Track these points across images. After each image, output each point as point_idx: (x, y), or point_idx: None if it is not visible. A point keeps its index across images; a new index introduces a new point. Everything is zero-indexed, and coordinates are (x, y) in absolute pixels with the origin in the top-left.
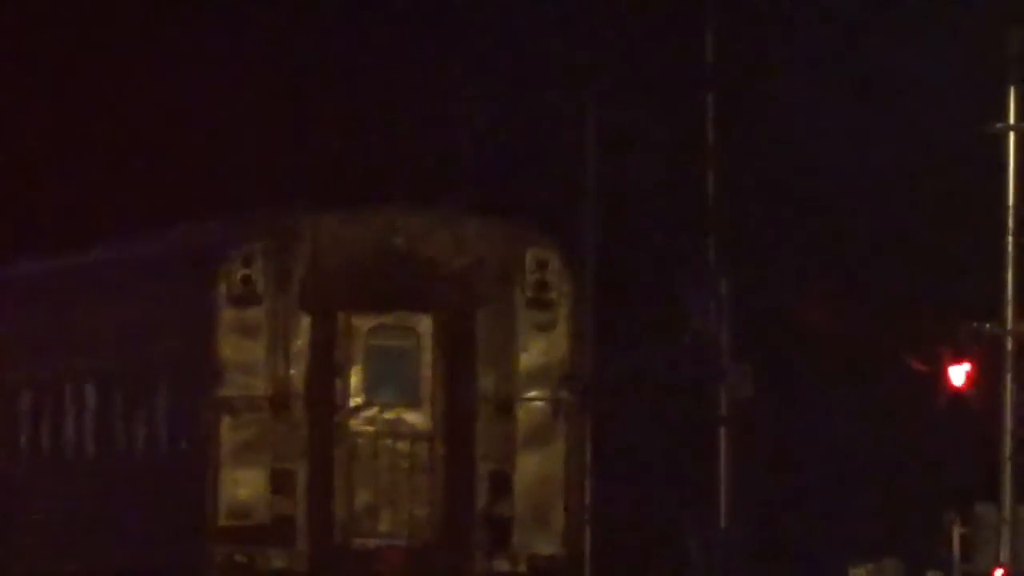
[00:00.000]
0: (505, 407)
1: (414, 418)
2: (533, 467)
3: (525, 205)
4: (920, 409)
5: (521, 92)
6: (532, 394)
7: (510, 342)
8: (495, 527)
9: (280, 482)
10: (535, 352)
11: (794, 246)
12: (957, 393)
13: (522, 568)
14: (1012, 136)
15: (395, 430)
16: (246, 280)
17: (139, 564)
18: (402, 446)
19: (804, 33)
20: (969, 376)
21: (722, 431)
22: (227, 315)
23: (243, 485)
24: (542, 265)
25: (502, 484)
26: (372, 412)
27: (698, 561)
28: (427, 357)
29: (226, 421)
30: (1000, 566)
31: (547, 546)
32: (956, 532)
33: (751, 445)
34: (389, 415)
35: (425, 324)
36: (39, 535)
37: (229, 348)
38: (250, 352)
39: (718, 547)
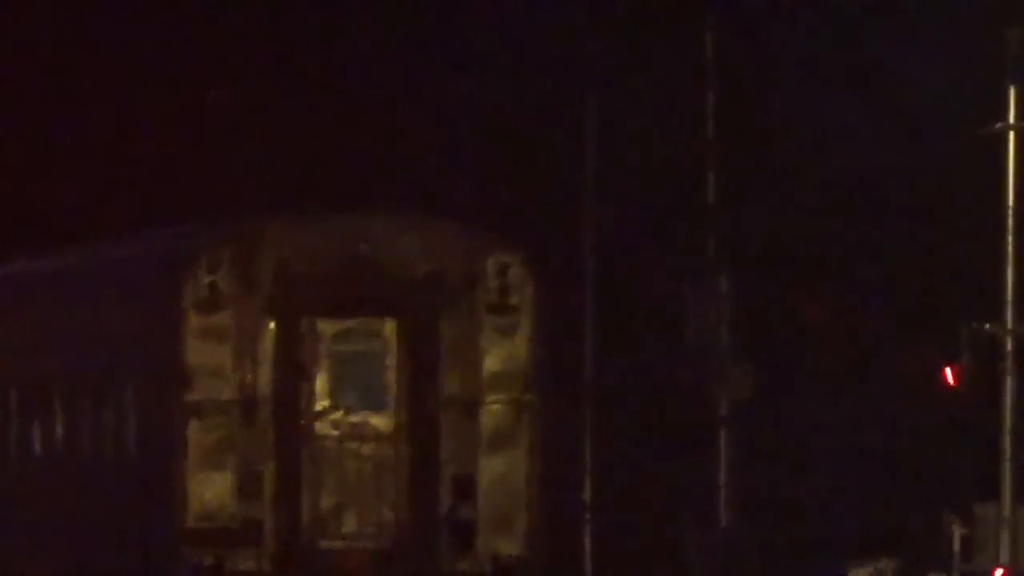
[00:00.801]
0: (468, 410)
1: (379, 421)
2: (496, 469)
3: (524, 205)
4: (920, 409)
5: (521, 91)
6: (495, 397)
7: (473, 346)
8: (459, 529)
9: (247, 485)
10: (497, 356)
11: (794, 246)
12: (957, 393)
13: (486, 569)
14: (1012, 136)
15: (360, 433)
16: (212, 286)
17: (108, 566)
18: (367, 449)
19: (804, 33)
20: (968, 376)
21: (722, 431)
22: (194, 321)
23: (211, 488)
24: (504, 271)
25: (466, 486)
26: (337, 415)
27: (698, 561)
28: (391, 361)
29: (194, 425)
30: (1000, 566)
31: (511, 547)
32: (956, 532)
33: (751, 445)
34: (354, 418)
35: (389, 329)
36: (5, 538)
37: (196, 353)
38: (217, 357)
39: (718, 547)
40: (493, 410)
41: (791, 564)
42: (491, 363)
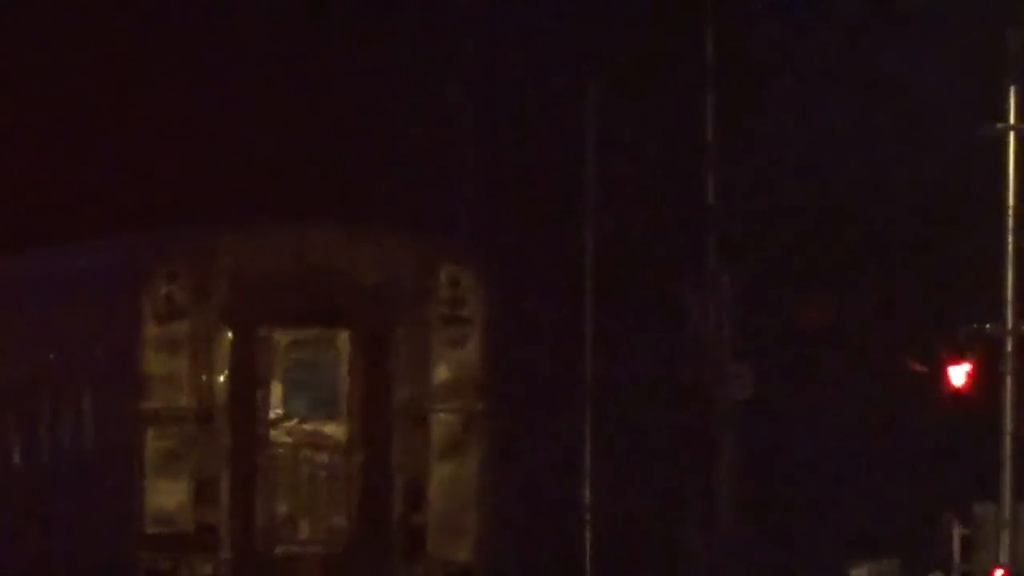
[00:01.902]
0: (420, 419)
1: (332, 429)
2: (447, 477)
3: (524, 205)
4: (920, 409)
5: (520, 91)
6: (446, 407)
7: (425, 356)
8: (411, 535)
9: (203, 491)
10: (449, 366)
11: (794, 246)
12: (957, 393)
13: (437, 575)
14: (1012, 136)
15: (314, 441)
16: (169, 296)
17: (66, 571)
18: (321, 457)
19: (804, 32)
20: (969, 376)
21: (722, 431)
22: (151, 330)
23: (167, 494)
24: (455, 282)
25: (417, 494)
26: (292, 423)
27: (698, 561)
28: (345, 370)
29: (151, 432)
30: (1000, 566)
31: (462, 553)
32: (956, 532)
33: (751, 445)
34: (308, 427)
35: (343, 338)
36: None
37: (153, 362)
38: (174, 365)
39: (718, 547)
40: (444, 419)
41: (791, 564)
42: (443, 372)
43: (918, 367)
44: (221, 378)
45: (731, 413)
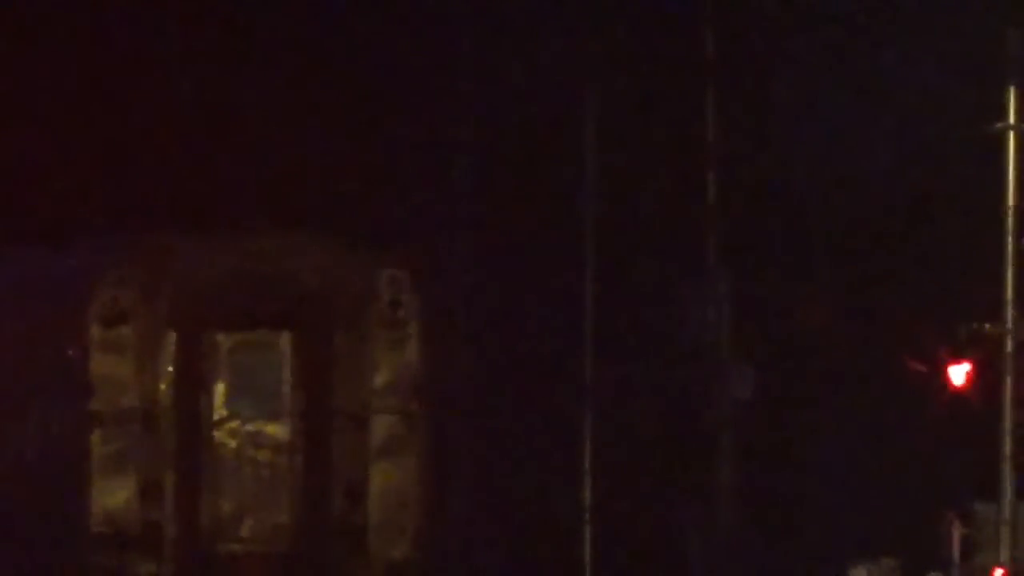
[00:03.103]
0: (360, 420)
1: (275, 430)
2: (387, 476)
3: (524, 205)
4: (920, 409)
5: (519, 91)
6: (385, 408)
7: (365, 358)
8: (351, 534)
9: (148, 491)
10: (388, 368)
11: (794, 246)
12: (957, 393)
13: (377, 573)
14: (1012, 136)
15: (256, 442)
16: (115, 300)
17: (13, 570)
18: (263, 457)
19: (804, 32)
20: (969, 376)
21: (722, 431)
22: (97, 333)
23: (113, 494)
24: (395, 285)
25: (358, 493)
26: (235, 424)
27: (698, 561)
28: (287, 373)
29: (97, 434)
30: (1000, 566)
31: (401, 551)
32: (956, 532)
33: (751, 446)
34: (251, 427)
35: (285, 341)
36: None
37: (99, 364)
38: (120, 368)
39: (718, 547)
40: (384, 420)
41: (791, 564)
42: (382, 375)
43: (918, 367)
44: (166, 380)
45: (731, 413)
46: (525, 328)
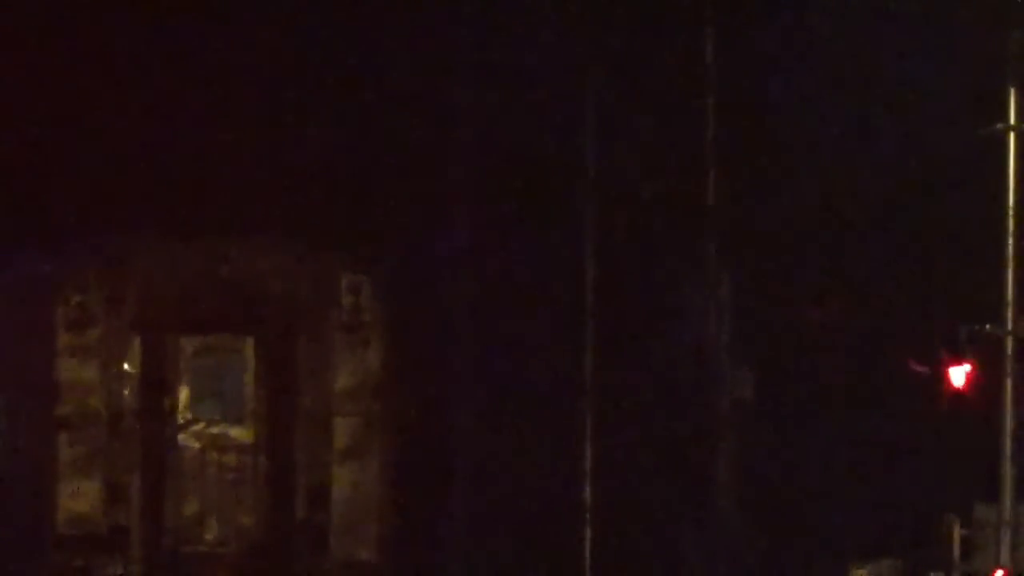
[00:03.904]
0: (323, 422)
1: (238, 433)
2: (349, 478)
3: (524, 205)
4: (920, 409)
5: (519, 90)
6: (347, 410)
7: (327, 362)
8: (314, 535)
9: (115, 493)
10: (350, 371)
11: (794, 246)
12: (957, 393)
13: (340, 573)
14: (1012, 136)
15: (220, 444)
16: (81, 305)
17: None
18: (227, 459)
19: (804, 32)
20: (969, 376)
21: (722, 432)
22: (63, 338)
23: (80, 496)
24: (355, 290)
25: (321, 494)
26: (199, 427)
27: (698, 561)
28: (250, 376)
29: (63, 437)
30: (1000, 567)
31: (363, 552)
32: (956, 533)
33: (751, 446)
34: (215, 430)
35: (249, 345)
36: None
37: (66, 368)
38: (85, 372)
39: (718, 547)
40: (346, 422)
41: (791, 564)
42: (344, 378)
43: (920, 368)
44: (131, 384)
45: (731, 414)
46: (525, 328)
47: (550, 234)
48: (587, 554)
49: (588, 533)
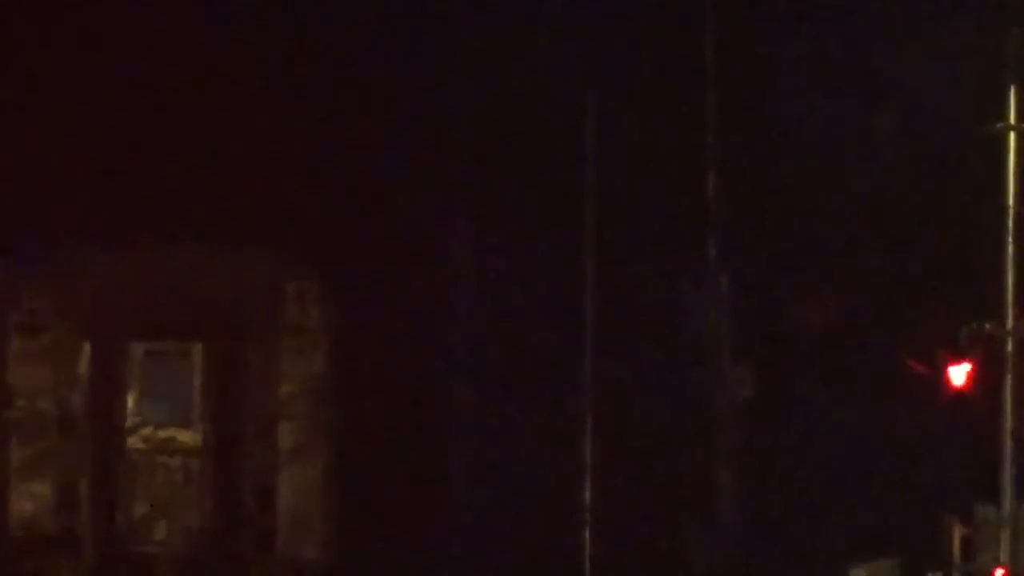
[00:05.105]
0: (269, 425)
1: (186, 436)
2: (294, 480)
3: (524, 205)
4: (920, 409)
5: (519, 90)
6: (292, 413)
7: (274, 367)
8: (260, 534)
9: (65, 496)
10: (295, 376)
11: (794, 246)
12: (957, 393)
13: (287, 574)
14: (1012, 136)
15: (169, 447)
16: (32, 312)
17: None
18: (175, 462)
19: (804, 33)
20: (969, 376)
21: (722, 431)
22: (15, 344)
23: (31, 499)
24: (303, 295)
25: (266, 495)
26: (148, 431)
27: (698, 561)
28: (198, 381)
29: (14, 440)
30: (1000, 567)
31: (310, 552)
32: (956, 532)
33: (751, 446)
34: (163, 433)
35: (197, 350)
36: None
37: (17, 374)
38: (37, 377)
39: (718, 547)
40: (292, 425)
41: (791, 564)
42: (289, 382)
43: (921, 368)
44: (82, 388)
45: (731, 413)
46: (524, 328)
47: (550, 234)
48: (587, 554)
49: (588, 533)
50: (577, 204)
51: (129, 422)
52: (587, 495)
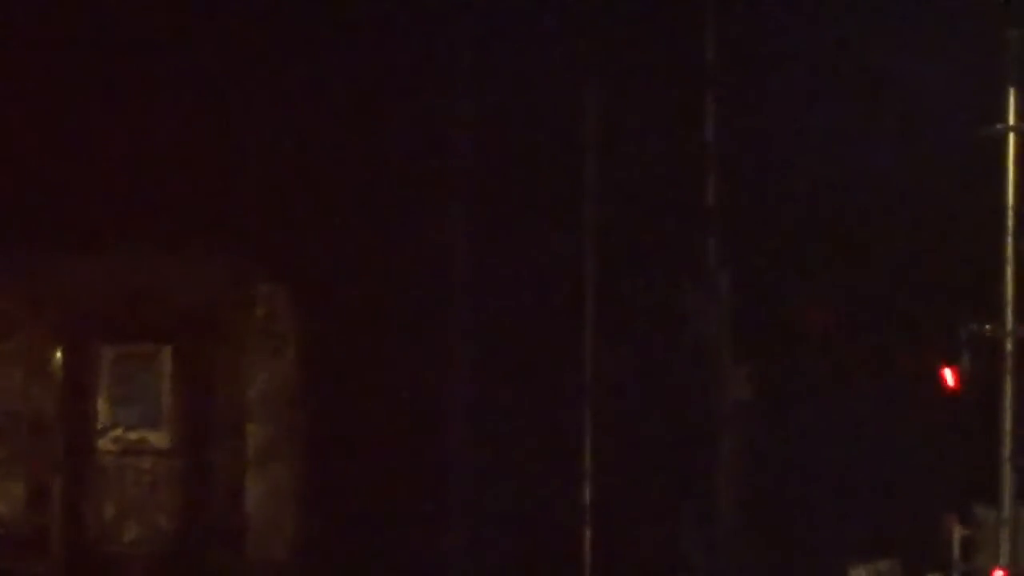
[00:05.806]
0: (237, 428)
1: (155, 438)
2: (262, 482)
3: (524, 205)
4: (920, 409)
5: (519, 90)
6: (261, 416)
7: (243, 370)
8: (229, 536)
9: (36, 496)
10: (265, 378)
11: (794, 246)
12: (956, 394)
13: (254, 572)
14: (1012, 136)
15: (138, 448)
16: (3, 314)
17: None
18: (145, 463)
19: (804, 33)
20: (969, 377)
21: (722, 431)
22: None
23: (2, 499)
24: (272, 299)
25: (235, 497)
26: (118, 432)
27: (698, 561)
28: (167, 384)
29: None
30: (1000, 567)
31: (280, 554)
32: (956, 533)
33: (751, 446)
34: (133, 435)
35: (166, 353)
36: None
37: None
38: (8, 379)
39: (718, 547)
40: (260, 427)
41: (791, 564)
42: (258, 385)
43: (925, 368)
44: (53, 391)
45: (731, 413)
46: (523, 328)
47: (549, 233)
48: (587, 554)
49: (588, 533)
50: (576, 204)
51: (100, 424)
52: (587, 495)
